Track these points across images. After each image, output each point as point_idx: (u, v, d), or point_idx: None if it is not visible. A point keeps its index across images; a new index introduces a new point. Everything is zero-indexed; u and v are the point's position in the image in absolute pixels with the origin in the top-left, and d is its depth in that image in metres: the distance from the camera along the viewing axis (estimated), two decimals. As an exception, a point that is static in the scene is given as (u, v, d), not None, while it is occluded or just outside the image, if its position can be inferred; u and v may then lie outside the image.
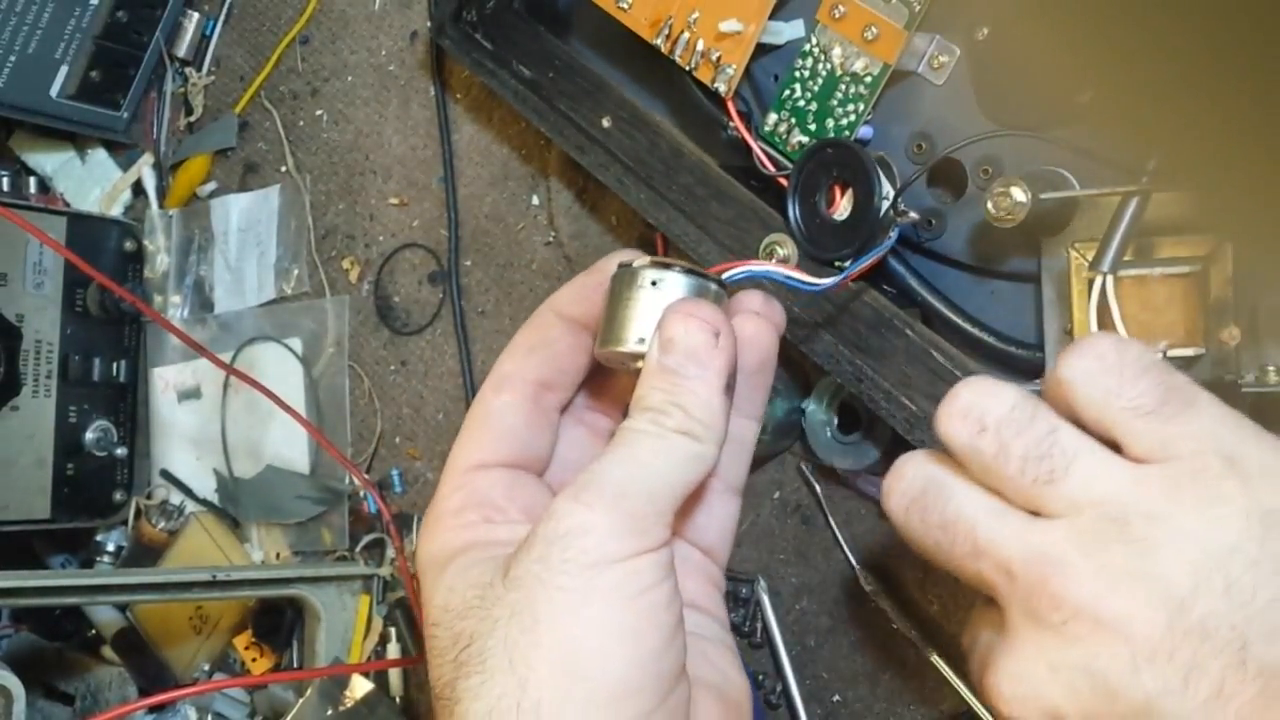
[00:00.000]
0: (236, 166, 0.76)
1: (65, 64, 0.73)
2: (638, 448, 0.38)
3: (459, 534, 0.40)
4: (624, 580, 0.36)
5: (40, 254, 0.71)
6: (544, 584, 0.36)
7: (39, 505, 0.71)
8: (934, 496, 0.38)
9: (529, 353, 0.44)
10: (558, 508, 0.37)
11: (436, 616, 0.38)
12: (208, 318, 0.76)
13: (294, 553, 0.72)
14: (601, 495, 0.37)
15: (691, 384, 0.39)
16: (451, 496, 0.41)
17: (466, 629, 0.37)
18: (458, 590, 0.38)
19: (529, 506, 0.42)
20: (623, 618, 0.36)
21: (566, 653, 0.35)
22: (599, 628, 0.35)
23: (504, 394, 0.43)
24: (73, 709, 0.75)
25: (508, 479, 0.42)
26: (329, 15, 0.73)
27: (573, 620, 0.35)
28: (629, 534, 0.36)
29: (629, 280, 0.41)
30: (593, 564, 0.36)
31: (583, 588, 0.35)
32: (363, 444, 0.72)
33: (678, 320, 0.39)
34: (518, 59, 0.60)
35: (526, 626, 0.36)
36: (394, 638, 0.69)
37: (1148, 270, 0.44)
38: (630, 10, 0.56)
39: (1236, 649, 0.32)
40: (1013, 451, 0.36)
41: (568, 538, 0.36)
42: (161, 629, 0.74)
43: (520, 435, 0.43)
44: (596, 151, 0.58)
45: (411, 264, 0.71)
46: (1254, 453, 0.34)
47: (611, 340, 0.41)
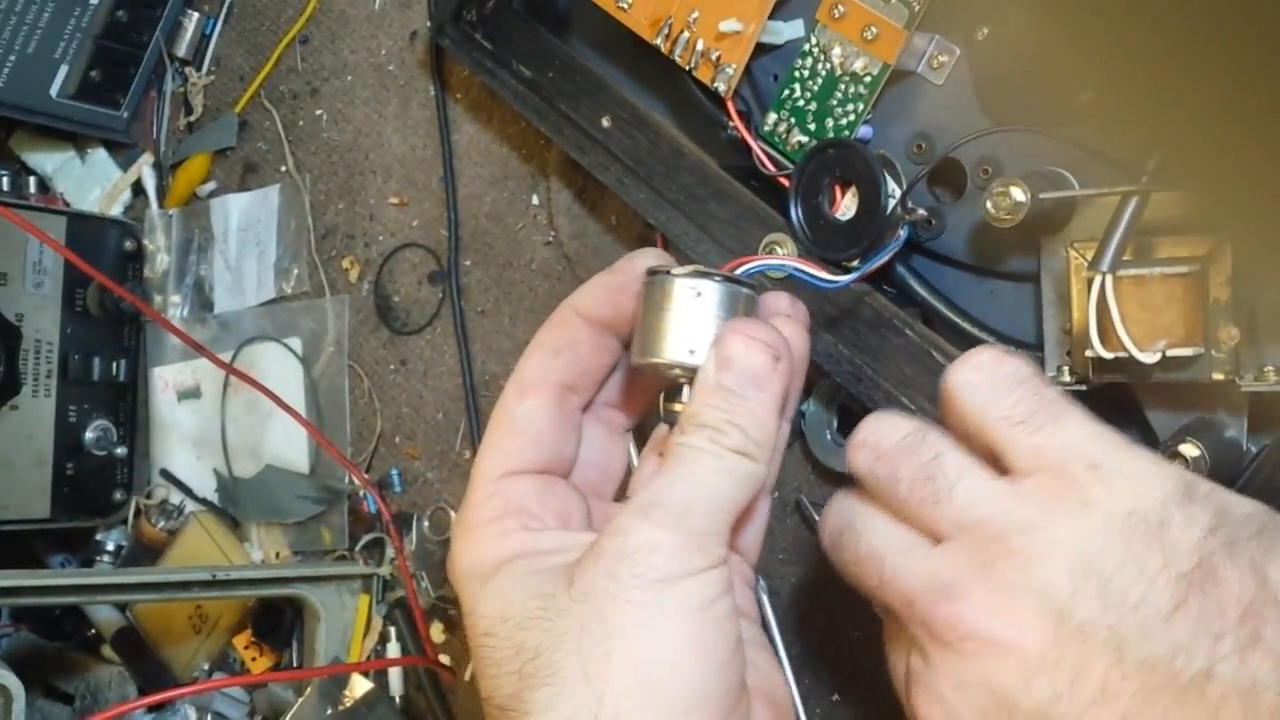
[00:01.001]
0: (236, 166, 0.76)
1: (65, 64, 0.73)
2: (698, 467, 0.39)
3: (500, 543, 0.41)
4: (692, 594, 0.37)
5: (40, 254, 0.71)
6: (615, 598, 0.36)
7: (39, 505, 0.71)
8: (851, 532, 0.40)
9: (553, 355, 0.44)
10: (625, 524, 0.38)
11: (491, 627, 0.39)
12: (208, 317, 0.76)
13: (294, 552, 0.72)
14: (669, 514, 0.37)
15: (750, 405, 0.39)
16: (484, 505, 0.42)
17: (530, 640, 0.37)
18: (515, 600, 0.38)
19: (562, 512, 0.42)
20: (692, 630, 0.37)
21: (641, 665, 0.36)
22: (671, 640, 0.36)
23: (529, 398, 0.43)
24: (72, 708, 0.75)
25: (539, 485, 0.43)
26: (329, 15, 0.73)
27: (646, 633, 0.36)
28: (694, 551, 0.37)
29: (667, 289, 0.41)
30: (662, 579, 0.37)
31: (653, 602, 0.36)
32: (362, 444, 0.72)
33: (738, 341, 0.40)
34: (518, 59, 0.60)
35: (599, 639, 0.36)
36: (394, 637, 0.69)
37: (1147, 270, 0.44)
38: (630, 10, 0.56)
39: (1114, 649, 0.34)
40: (901, 475, 0.38)
41: (637, 554, 0.37)
42: (161, 628, 0.74)
43: (547, 440, 0.43)
44: (596, 151, 0.58)
45: (411, 264, 0.71)
46: (1115, 460, 0.36)
47: (655, 351, 0.41)
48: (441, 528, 0.69)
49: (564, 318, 0.44)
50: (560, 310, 0.45)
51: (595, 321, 0.44)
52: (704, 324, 0.41)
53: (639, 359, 0.42)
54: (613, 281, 0.44)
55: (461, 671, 0.68)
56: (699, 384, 0.40)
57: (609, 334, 0.44)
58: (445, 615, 0.69)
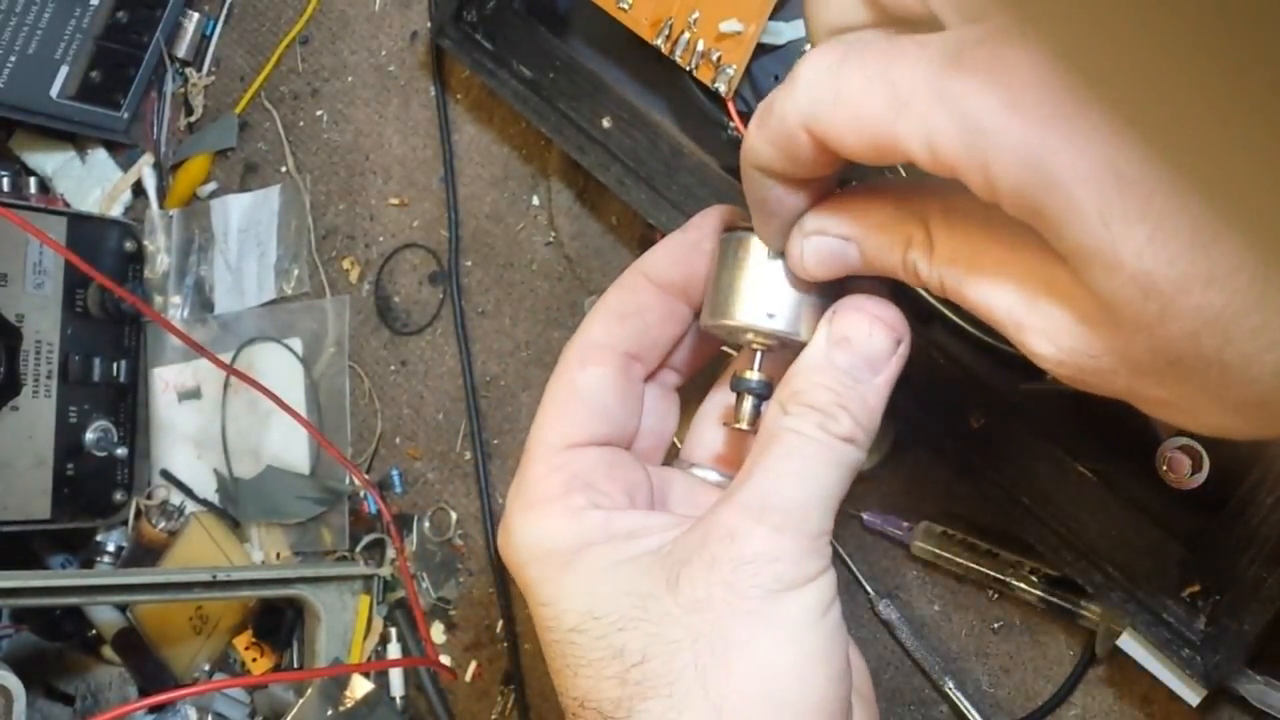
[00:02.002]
0: (236, 166, 0.76)
1: (65, 64, 0.73)
2: (810, 459, 0.36)
3: (572, 523, 0.38)
4: (812, 602, 0.35)
5: (40, 254, 0.71)
6: (733, 609, 0.34)
7: (39, 505, 0.71)
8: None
9: (619, 321, 0.41)
10: (738, 527, 0.35)
11: (579, 623, 0.36)
12: (208, 318, 0.76)
13: (294, 553, 0.72)
14: (788, 518, 0.35)
15: (863, 390, 0.37)
16: (550, 478, 0.39)
17: (633, 644, 0.35)
18: (606, 596, 0.36)
19: (629, 486, 0.40)
20: (815, 639, 0.35)
21: (764, 679, 0.34)
22: (794, 652, 0.35)
23: (592, 365, 0.40)
24: (73, 709, 0.75)
25: (607, 458, 0.40)
26: (329, 15, 0.73)
27: (769, 646, 0.34)
28: (812, 555, 0.36)
29: (746, 246, 0.38)
30: (783, 589, 0.35)
31: (775, 613, 0.35)
32: (363, 444, 0.72)
33: (862, 320, 0.37)
34: (518, 59, 0.60)
35: (718, 652, 0.34)
36: (394, 638, 0.69)
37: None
38: (630, 10, 0.56)
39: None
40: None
41: (756, 563, 0.35)
42: (161, 629, 0.74)
43: (612, 410, 0.41)
44: (596, 151, 0.58)
45: (411, 264, 0.71)
46: None
47: (728, 313, 0.38)
48: (442, 528, 0.69)
49: (632, 281, 0.41)
50: (628, 273, 0.41)
51: (666, 286, 0.41)
52: (784, 286, 0.38)
53: (711, 320, 0.39)
54: (686, 240, 0.41)
55: (462, 672, 0.68)
56: (808, 360, 0.37)
57: (679, 300, 0.41)
58: (445, 616, 0.69)
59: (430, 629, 0.68)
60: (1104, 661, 0.53)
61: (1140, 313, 0.28)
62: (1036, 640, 0.55)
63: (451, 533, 0.69)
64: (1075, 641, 0.54)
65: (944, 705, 0.55)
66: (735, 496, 0.36)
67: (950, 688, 0.55)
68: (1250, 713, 0.49)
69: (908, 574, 0.56)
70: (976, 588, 0.55)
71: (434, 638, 0.68)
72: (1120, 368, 0.30)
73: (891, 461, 0.56)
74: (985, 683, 0.55)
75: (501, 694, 0.67)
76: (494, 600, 0.67)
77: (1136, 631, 0.48)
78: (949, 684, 0.55)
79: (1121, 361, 0.29)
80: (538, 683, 0.66)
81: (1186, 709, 0.49)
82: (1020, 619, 0.55)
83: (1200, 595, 0.46)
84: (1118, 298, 0.28)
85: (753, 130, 0.34)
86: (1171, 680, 0.49)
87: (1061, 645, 0.54)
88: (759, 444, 0.37)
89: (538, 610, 0.38)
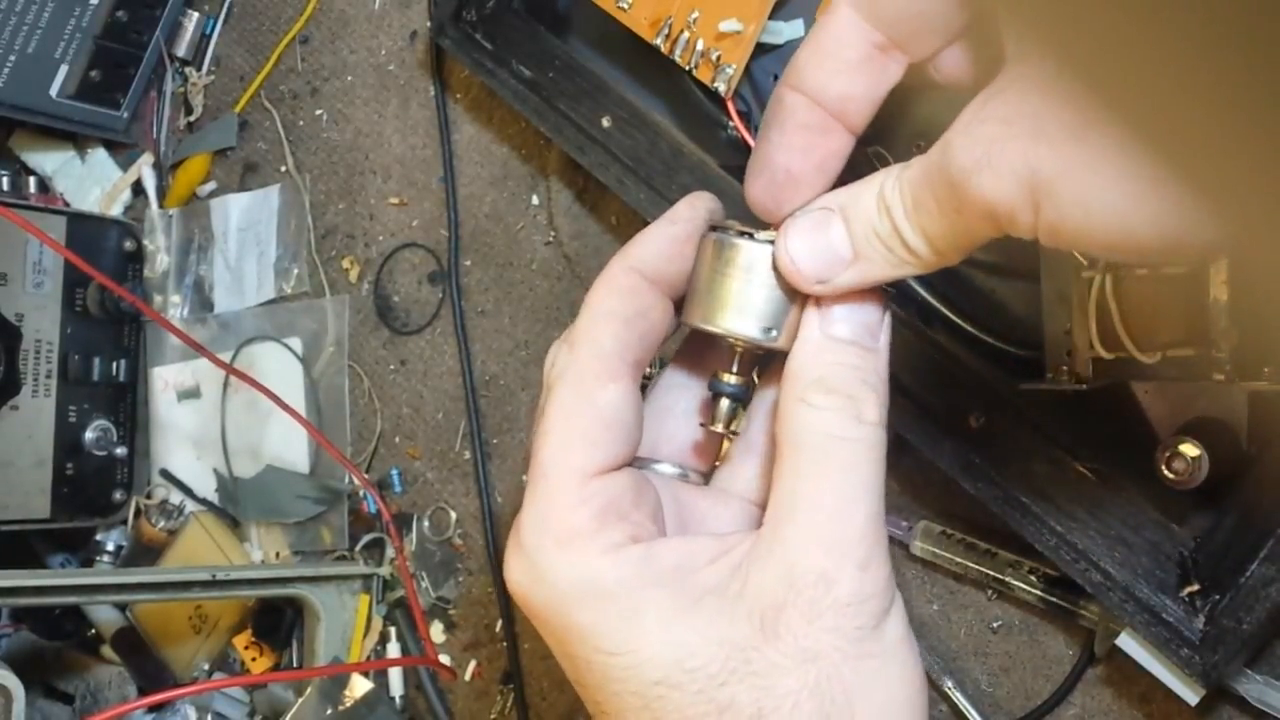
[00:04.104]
0: (236, 166, 0.76)
1: (65, 64, 0.73)
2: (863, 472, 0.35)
3: (616, 562, 0.35)
4: (900, 626, 0.36)
5: (40, 254, 0.71)
6: (844, 654, 0.34)
7: (38, 505, 0.71)
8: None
9: (627, 326, 0.38)
10: (829, 571, 0.34)
11: (667, 675, 0.34)
12: (207, 317, 0.76)
13: (294, 552, 0.72)
14: (869, 550, 0.35)
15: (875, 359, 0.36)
16: (580, 510, 0.36)
17: (743, 699, 0.34)
18: (693, 647, 0.34)
19: (654, 510, 0.38)
20: (912, 659, 0.36)
21: (885, 714, 0.35)
22: (901, 679, 0.35)
23: (611, 382, 0.37)
24: (72, 708, 0.75)
25: (629, 482, 0.37)
26: (329, 15, 0.73)
27: (883, 682, 0.35)
28: (892, 577, 0.36)
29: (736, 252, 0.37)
30: (881, 623, 0.35)
31: (879, 647, 0.35)
32: (362, 444, 0.72)
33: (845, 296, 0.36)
34: (518, 59, 0.60)
35: (839, 701, 0.34)
36: (394, 637, 0.69)
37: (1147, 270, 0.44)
38: (630, 10, 0.56)
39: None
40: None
41: (854, 605, 0.34)
42: (161, 629, 0.74)
43: (631, 429, 0.38)
44: (596, 151, 0.58)
45: (411, 264, 0.71)
46: None
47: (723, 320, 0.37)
48: (441, 528, 0.69)
49: (629, 282, 0.38)
50: (621, 273, 0.38)
51: (660, 283, 0.39)
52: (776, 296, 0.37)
53: (698, 323, 0.38)
54: (677, 234, 0.39)
55: (461, 671, 0.68)
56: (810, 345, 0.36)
57: (668, 295, 0.39)
58: (445, 615, 0.69)
59: (430, 628, 0.68)
60: (1103, 661, 0.53)
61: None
62: (1036, 640, 0.55)
63: (451, 532, 0.69)
64: (1074, 641, 0.54)
65: (943, 705, 0.55)
66: (805, 525, 0.35)
67: (949, 687, 0.55)
68: (1249, 713, 0.49)
69: (907, 574, 0.56)
70: (975, 587, 0.55)
71: (433, 637, 0.68)
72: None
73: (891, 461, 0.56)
74: (984, 682, 0.55)
75: (501, 693, 0.67)
76: (493, 600, 0.67)
77: (1136, 631, 0.48)
78: (948, 683, 0.55)
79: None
80: (537, 682, 0.66)
81: (1185, 709, 0.49)
82: (1019, 619, 0.55)
83: (1200, 595, 0.46)
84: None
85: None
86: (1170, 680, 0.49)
87: (1061, 645, 0.54)
88: (791, 452, 0.36)
89: (597, 659, 0.35)
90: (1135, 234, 0.29)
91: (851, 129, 0.37)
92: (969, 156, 0.31)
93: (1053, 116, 0.30)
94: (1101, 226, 0.29)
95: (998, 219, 0.31)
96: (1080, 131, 0.29)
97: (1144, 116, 0.20)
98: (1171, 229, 0.29)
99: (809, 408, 0.36)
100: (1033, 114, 0.30)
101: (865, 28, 0.35)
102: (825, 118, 0.36)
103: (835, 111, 0.36)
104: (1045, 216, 0.30)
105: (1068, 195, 0.30)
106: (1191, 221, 0.28)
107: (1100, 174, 0.29)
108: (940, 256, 0.34)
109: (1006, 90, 0.31)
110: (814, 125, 0.36)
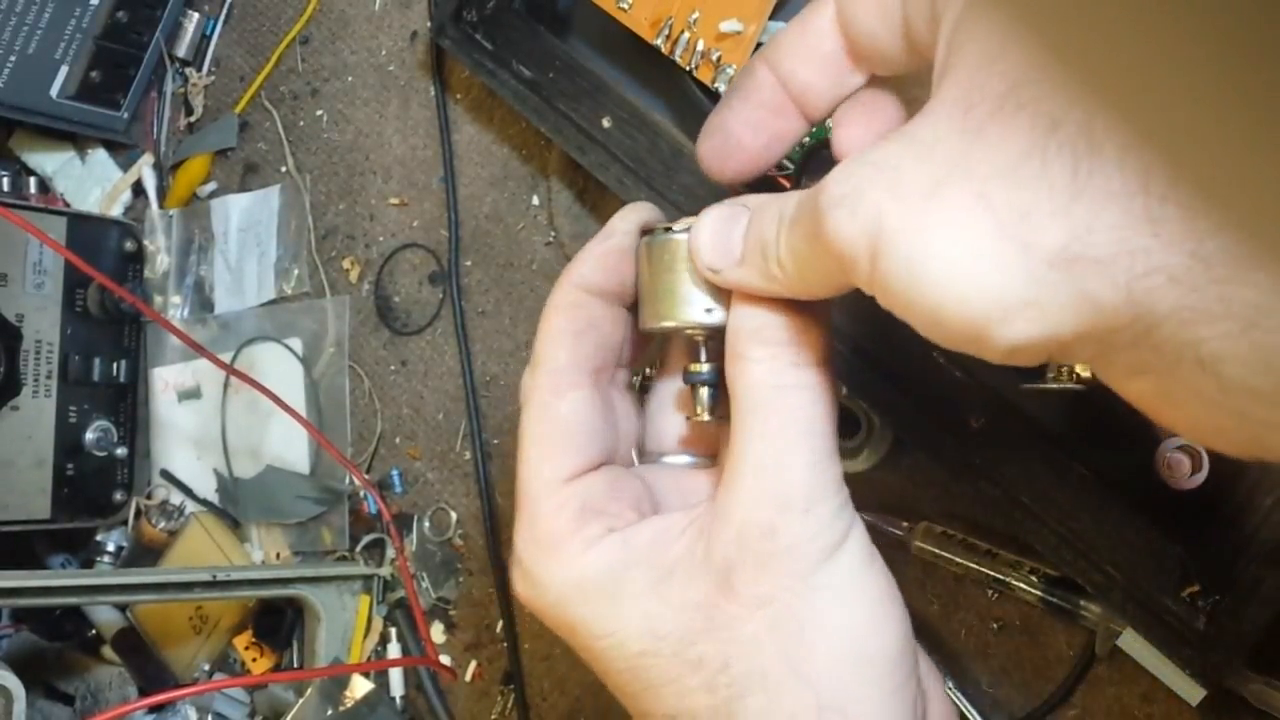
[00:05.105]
0: (236, 166, 0.76)
1: (65, 64, 0.73)
2: (800, 416, 0.36)
3: (594, 553, 0.38)
4: (857, 555, 0.36)
5: (40, 254, 0.71)
6: (796, 593, 0.35)
7: (39, 505, 0.71)
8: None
9: (577, 339, 0.41)
10: (773, 522, 0.36)
11: (648, 646, 0.37)
12: (208, 318, 0.76)
13: (294, 553, 0.72)
14: (810, 494, 0.36)
15: (812, 303, 0.37)
16: (559, 515, 0.39)
17: (710, 653, 0.36)
18: (663, 615, 0.37)
19: (634, 499, 0.40)
20: (872, 587, 0.36)
21: (847, 641, 0.36)
22: (859, 606, 0.36)
23: (568, 392, 0.40)
24: (73, 709, 0.75)
25: (604, 479, 0.40)
26: (329, 15, 0.73)
27: (838, 611, 0.36)
28: (840, 511, 0.36)
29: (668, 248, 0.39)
30: (828, 555, 0.36)
31: (830, 578, 0.36)
32: (363, 444, 0.72)
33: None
34: (518, 59, 0.60)
35: (795, 634, 0.35)
36: (394, 638, 0.69)
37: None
38: (630, 10, 0.56)
39: None
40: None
41: (799, 546, 0.36)
42: (161, 629, 0.74)
43: (598, 431, 0.41)
44: (596, 151, 0.58)
45: (411, 264, 0.71)
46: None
47: (668, 314, 0.39)
48: (442, 528, 0.69)
49: (574, 298, 0.41)
50: (565, 291, 0.41)
51: (604, 295, 0.41)
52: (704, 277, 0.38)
53: (652, 324, 0.40)
54: (614, 247, 0.41)
55: (461, 672, 0.68)
56: (741, 301, 0.37)
57: (618, 304, 0.42)
58: (445, 615, 0.69)
59: (430, 629, 0.68)
60: (1104, 661, 0.53)
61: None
62: (1036, 640, 0.55)
63: (451, 533, 0.69)
64: (1075, 641, 0.54)
65: (944, 705, 0.55)
66: (750, 483, 0.36)
67: (950, 687, 0.55)
68: (1250, 713, 0.49)
69: (907, 574, 0.56)
70: (976, 587, 0.55)
71: (434, 637, 0.68)
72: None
73: (891, 461, 0.56)
74: (985, 683, 0.55)
75: (501, 694, 0.67)
76: (494, 600, 0.67)
77: (1136, 631, 0.48)
78: (949, 684, 0.55)
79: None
80: (537, 683, 0.66)
81: (1186, 709, 0.49)
82: (1020, 619, 0.55)
83: (1200, 595, 0.46)
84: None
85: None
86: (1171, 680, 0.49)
87: (1061, 645, 0.54)
88: (737, 409, 0.37)
89: (594, 646, 0.38)
90: (964, 304, 0.28)
91: (809, 116, 0.38)
92: (837, 190, 0.31)
93: (915, 170, 0.29)
94: (928, 291, 0.29)
95: (842, 261, 0.31)
96: (934, 190, 0.28)
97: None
98: (1006, 306, 0.27)
99: (748, 361, 0.37)
100: (896, 165, 0.30)
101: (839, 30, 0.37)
102: (785, 101, 0.38)
103: (796, 96, 0.38)
104: (879, 270, 0.30)
105: (900, 251, 0.29)
106: (1035, 300, 0.27)
107: (937, 236, 0.28)
108: (801, 283, 0.35)
109: (897, 137, 0.30)
110: (773, 106, 0.38)
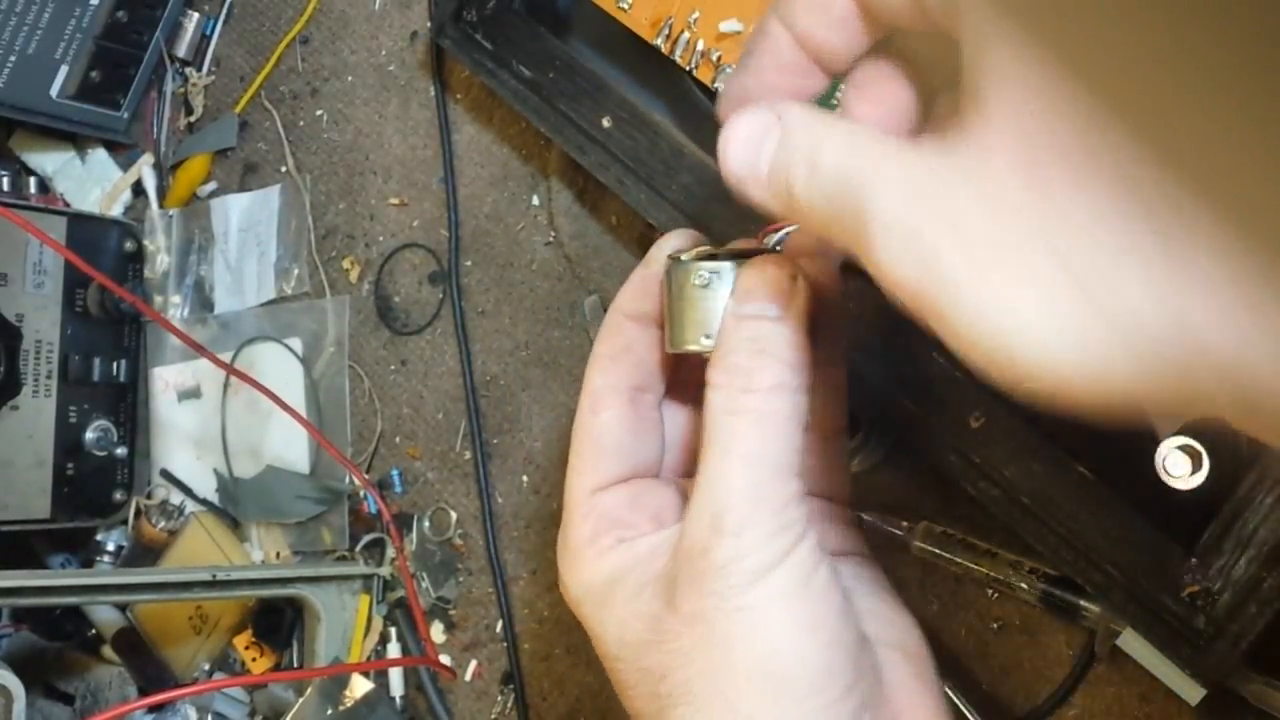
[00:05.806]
0: (236, 166, 0.76)
1: (65, 64, 0.73)
2: (745, 438, 0.37)
3: (601, 561, 0.41)
4: (791, 578, 0.37)
5: (40, 254, 0.71)
6: (723, 612, 0.37)
7: (39, 505, 0.71)
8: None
9: (612, 362, 0.43)
10: (706, 542, 0.37)
11: (616, 651, 0.40)
12: (208, 318, 0.76)
13: (294, 553, 0.72)
14: (741, 518, 0.37)
15: (780, 326, 0.38)
16: (583, 526, 0.42)
17: (654, 664, 0.38)
18: (629, 624, 0.39)
19: (657, 512, 0.42)
20: (801, 612, 0.37)
21: (765, 663, 0.36)
22: (784, 630, 0.37)
23: (601, 411, 0.43)
24: (73, 709, 0.75)
25: (628, 493, 0.42)
26: (329, 15, 0.73)
27: (761, 633, 0.37)
28: (778, 534, 0.37)
29: (685, 275, 0.40)
30: (759, 577, 0.37)
31: (758, 601, 0.37)
32: (363, 444, 0.72)
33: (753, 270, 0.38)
34: (518, 59, 0.60)
35: (720, 652, 0.37)
36: (394, 638, 0.69)
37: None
38: (630, 10, 0.56)
39: None
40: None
41: (728, 567, 0.37)
42: (161, 629, 0.74)
43: (628, 446, 0.43)
44: (596, 151, 0.58)
45: (411, 264, 0.71)
46: None
47: (681, 339, 0.40)
48: (442, 528, 0.69)
49: (613, 322, 0.44)
50: (608, 315, 0.44)
51: (641, 319, 0.43)
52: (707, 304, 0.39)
53: (670, 348, 0.41)
54: (647, 275, 0.43)
55: (461, 672, 0.68)
56: (723, 329, 0.39)
57: (656, 328, 0.43)
58: (445, 615, 0.69)
59: (430, 628, 0.68)
60: (1104, 661, 0.53)
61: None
62: (1036, 640, 0.55)
63: (451, 532, 0.69)
64: (1075, 641, 0.54)
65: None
66: (694, 505, 0.38)
67: (950, 688, 0.55)
68: (1250, 713, 0.49)
69: (907, 574, 0.56)
70: (976, 587, 0.55)
71: (434, 637, 0.68)
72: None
73: (891, 461, 0.56)
74: (985, 683, 0.55)
75: (501, 694, 0.67)
76: (493, 600, 0.67)
77: (1136, 631, 0.48)
78: (949, 684, 0.55)
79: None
80: (537, 683, 0.66)
81: (1186, 709, 0.49)
82: (1020, 619, 0.55)
83: (1200, 595, 0.46)
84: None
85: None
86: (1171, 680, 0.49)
87: (1061, 645, 0.54)
88: (704, 433, 0.38)
89: (595, 646, 0.41)
90: (1043, 366, 0.27)
91: (829, 71, 0.37)
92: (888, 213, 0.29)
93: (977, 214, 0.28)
94: (999, 345, 0.28)
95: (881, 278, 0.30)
96: (1002, 240, 0.27)
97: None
98: (1085, 370, 0.27)
99: (709, 387, 0.38)
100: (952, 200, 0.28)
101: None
102: (804, 59, 0.37)
103: (814, 54, 0.37)
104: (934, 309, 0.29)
105: (965, 301, 0.28)
106: (1110, 362, 0.26)
107: (1011, 295, 0.27)
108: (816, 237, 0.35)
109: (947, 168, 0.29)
110: (794, 66, 0.37)
